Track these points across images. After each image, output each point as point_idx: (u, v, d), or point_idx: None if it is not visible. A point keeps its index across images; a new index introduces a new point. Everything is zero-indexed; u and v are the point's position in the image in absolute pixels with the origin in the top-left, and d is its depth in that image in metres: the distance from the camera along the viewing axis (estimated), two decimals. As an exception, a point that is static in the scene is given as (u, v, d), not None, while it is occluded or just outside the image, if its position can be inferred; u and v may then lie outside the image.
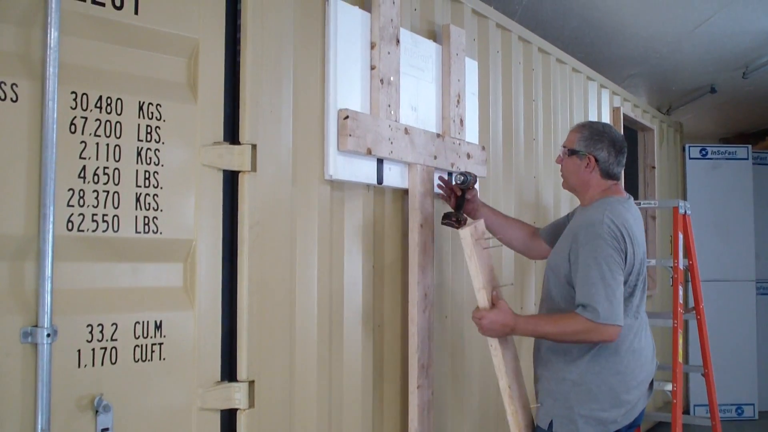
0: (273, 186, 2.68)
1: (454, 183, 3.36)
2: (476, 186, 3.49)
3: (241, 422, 2.55)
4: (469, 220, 3.28)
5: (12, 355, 2.02)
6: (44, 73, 2.07)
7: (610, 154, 3.11)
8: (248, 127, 2.60)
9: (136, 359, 2.30)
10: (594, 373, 2.96)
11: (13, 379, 2.02)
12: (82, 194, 2.18)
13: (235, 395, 2.53)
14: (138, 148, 2.33)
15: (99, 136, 2.23)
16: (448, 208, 3.42)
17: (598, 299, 2.83)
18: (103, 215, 2.23)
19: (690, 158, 8.10)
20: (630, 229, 2.94)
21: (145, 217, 2.33)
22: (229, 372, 2.56)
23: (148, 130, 2.35)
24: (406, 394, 3.34)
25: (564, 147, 3.22)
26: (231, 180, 2.59)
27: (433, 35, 3.71)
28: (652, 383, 3.16)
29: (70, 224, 2.15)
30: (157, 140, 2.38)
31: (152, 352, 2.34)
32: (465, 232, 3.07)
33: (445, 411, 3.72)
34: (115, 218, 2.26)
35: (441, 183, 3.47)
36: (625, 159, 3.18)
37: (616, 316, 2.83)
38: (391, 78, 3.22)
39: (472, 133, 3.89)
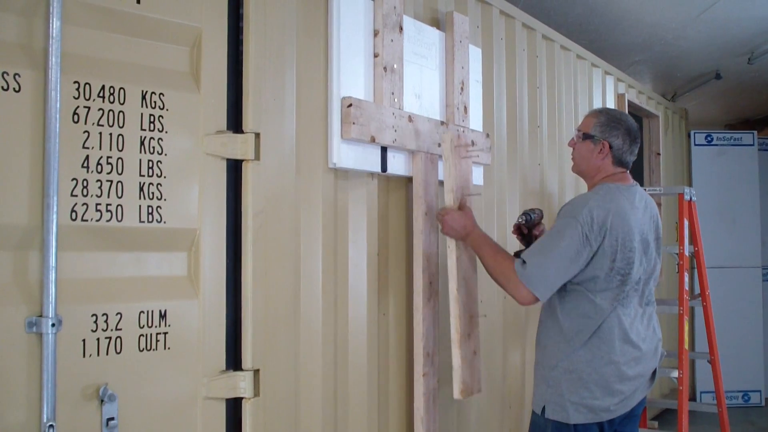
0: (277, 174, 2.67)
1: (517, 221, 3.42)
2: (543, 221, 3.51)
3: (247, 411, 2.55)
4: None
5: (17, 345, 2.02)
6: (47, 63, 2.07)
7: (625, 142, 3.09)
8: (251, 116, 2.59)
9: (141, 349, 2.30)
10: (585, 361, 2.95)
11: (18, 369, 2.02)
12: (85, 184, 2.18)
13: (240, 384, 2.53)
14: (141, 137, 2.32)
15: (102, 125, 2.23)
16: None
17: (533, 261, 2.93)
18: (107, 205, 2.22)
19: (695, 145, 8.08)
20: (616, 220, 2.91)
21: (148, 206, 2.33)
22: (234, 361, 2.56)
23: (151, 120, 2.35)
24: (411, 382, 3.34)
25: (579, 131, 3.20)
26: (234, 169, 2.58)
27: (437, 23, 3.69)
28: (654, 374, 3.14)
29: (73, 214, 2.15)
30: (160, 129, 2.37)
31: (157, 341, 2.34)
32: (446, 136, 3.25)
33: (451, 399, 3.72)
34: (119, 208, 2.25)
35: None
36: (637, 149, 3.16)
37: (537, 283, 2.91)
38: (395, 65, 3.21)
39: (476, 121, 3.88)
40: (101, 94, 2.23)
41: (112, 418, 2.20)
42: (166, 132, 2.39)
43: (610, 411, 2.95)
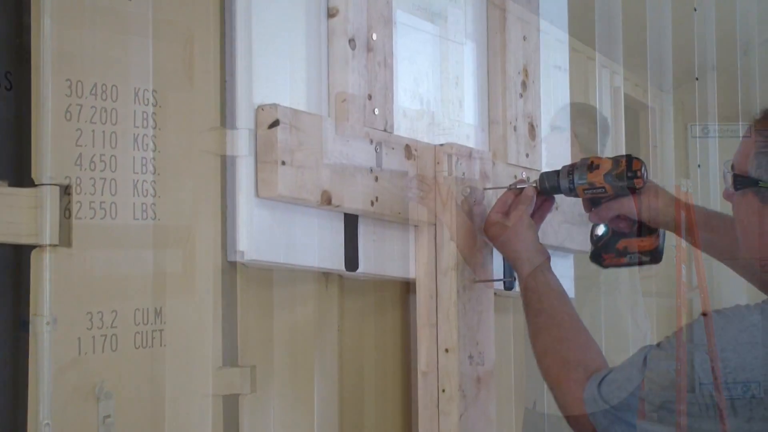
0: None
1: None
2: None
3: (243, 407, 2.55)
4: None
5: (11, 343, 2.02)
6: (38, 61, 2.06)
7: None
8: (245, 112, 2.58)
9: (137, 346, 2.30)
10: None
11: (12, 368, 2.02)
12: (78, 182, 2.17)
13: (237, 380, 2.53)
14: (134, 134, 2.32)
15: (95, 123, 2.22)
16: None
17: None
18: (101, 202, 2.22)
19: (692, 137, 8.06)
20: None
21: (142, 203, 2.32)
22: (230, 357, 2.56)
23: (144, 117, 2.34)
24: (411, 378, 3.33)
25: None
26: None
27: (430, 16, 3.67)
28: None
29: (66, 212, 2.14)
30: (154, 126, 2.37)
31: (153, 338, 2.34)
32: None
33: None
34: (113, 205, 2.25)
35: None
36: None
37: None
38: (387, 60, 3.17)
39: (471, 116, 3.86)
40: (93, 92, 2.22)
41: (109, 416, 2.19)
42: (160, 129, 2.38)
43: None
